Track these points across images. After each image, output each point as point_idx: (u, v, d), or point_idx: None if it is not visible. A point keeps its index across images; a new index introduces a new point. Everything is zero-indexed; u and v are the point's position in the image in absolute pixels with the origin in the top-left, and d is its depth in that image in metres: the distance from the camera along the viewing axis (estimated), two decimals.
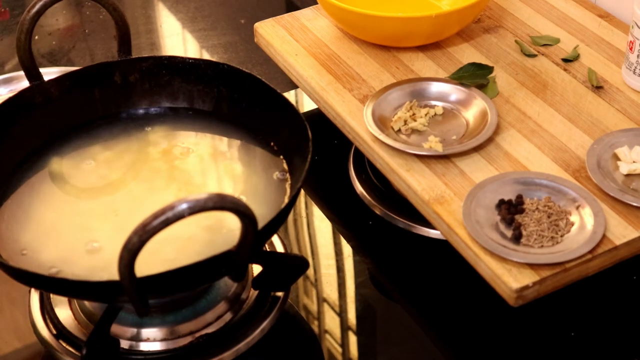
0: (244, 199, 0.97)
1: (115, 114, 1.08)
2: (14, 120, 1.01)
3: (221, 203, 0.76)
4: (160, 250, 0.89)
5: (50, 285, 0.87)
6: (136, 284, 0.79)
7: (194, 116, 1.07)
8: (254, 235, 0.81)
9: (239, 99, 1.05)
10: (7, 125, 1.01)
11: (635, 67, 1.10)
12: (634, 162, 0.99)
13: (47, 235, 0.94)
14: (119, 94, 1.07)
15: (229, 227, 0.93)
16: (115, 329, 0.93)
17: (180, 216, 0.74)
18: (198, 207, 0.75)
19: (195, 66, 1.06)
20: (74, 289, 0.86)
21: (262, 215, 0.95)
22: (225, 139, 1.05)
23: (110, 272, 0.88)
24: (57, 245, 0.92)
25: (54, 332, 0.95)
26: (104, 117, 1.07)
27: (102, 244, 0.92)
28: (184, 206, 0.74)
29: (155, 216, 0.74)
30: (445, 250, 0.99)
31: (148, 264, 0.81)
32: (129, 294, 0.80)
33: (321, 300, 1.05)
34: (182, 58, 1.07)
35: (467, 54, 1.18)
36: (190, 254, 0.90)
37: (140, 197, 0.97)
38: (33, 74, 1.03)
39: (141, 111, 1.08)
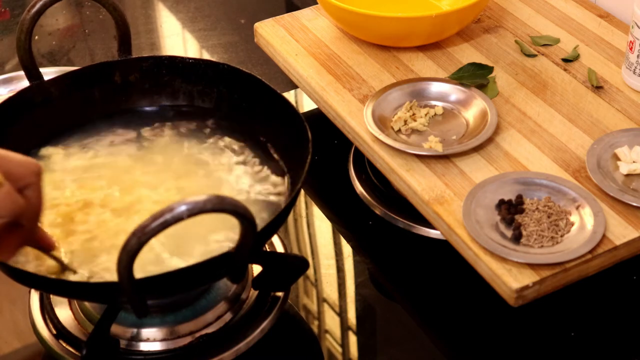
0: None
1: (115, 113, 1.07)
2: (14, 119, 1.01)
3: (220, 205, 0.76)
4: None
5: (49, 286, 0.87)
6: (135, 285, 0.79)
7: (194, 116, 1.07)
8: (253, 237, 0.80)
9: (240, 99, 1.05)
10: (7, 125, 1.01)
11: (635, 67, 1.10)
12: (634, 162, 0.99)
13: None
14: (119, 94, 1.07)
15: None
16: (115, 329, 0.93)
17: (179, 218, 0.74)
18: (197, 209, 0.75)
19: (195, 66, 1.06)
20: (73, 290, 0.86)
21: (262, 215, 0.95)
22: (225, 140, 1.04)
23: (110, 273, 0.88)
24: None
25: (54, 332, 0.95)
26: (103, 116, 1.07)
27: (102, 243, 0.92)
28: (183, 208, 0.74)
29: (154, 218, 0.74)
30: (445, 250, 0.99)
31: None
32: (128, 296, 0.79)
33: (321, 300, 1.05)
34: (182, 58, 1.07)
35: (467, 54, 1.18)
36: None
37: (140, 197, 0.97)
38: (33, 74, 1.03)
39: (141, 111, 1.08)
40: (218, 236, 0.91)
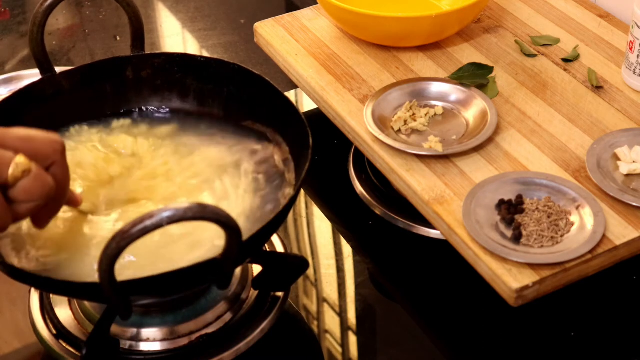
0: (244, 199, 0.97)
1: (125, 109, 1.07)
2: (24, 111, 1.01)
3: (201, 213, 0.75)
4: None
5: (49, 285, 0.87)
6: (117, 288, 0.79)
7: (201, 115, 1.07)
8: (238, 246, 0.80)
9: (248, 100, 1.05)
10: (17, 116, 1.00)
11: (635, 67, 1.10)
12: (634, 162, 0.99)
13: (49, 232, 0.94)
14: (130, 90, 1.07)
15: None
16: (115, 329, 0.93)
17: (158, 225, 0.74)
18: (177, 217, 0.74)
19: (206, 65, 1.06)
20: (63, 288, 0.86)
21: (265, 212, 0.95)
22: (228, 139, 1.04)
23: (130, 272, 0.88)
24: (60, 241, 0.93)
25: (54, 332, 0.95)
26: (114, 112, 1.07)
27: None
28: (163, 215, 0.74)
29: (134, 224, 0.74)
30: (445, 250, 0.99)
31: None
32: (109, 298, 0.79)
33: (321, 300, 1.05)
34: (193, 56, 1.06)
35: (467, 54, 1.18)
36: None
37: (141, 195, 0.97)
38: (45, 67, 1.03)
39: (151, 108, 1.08)
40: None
